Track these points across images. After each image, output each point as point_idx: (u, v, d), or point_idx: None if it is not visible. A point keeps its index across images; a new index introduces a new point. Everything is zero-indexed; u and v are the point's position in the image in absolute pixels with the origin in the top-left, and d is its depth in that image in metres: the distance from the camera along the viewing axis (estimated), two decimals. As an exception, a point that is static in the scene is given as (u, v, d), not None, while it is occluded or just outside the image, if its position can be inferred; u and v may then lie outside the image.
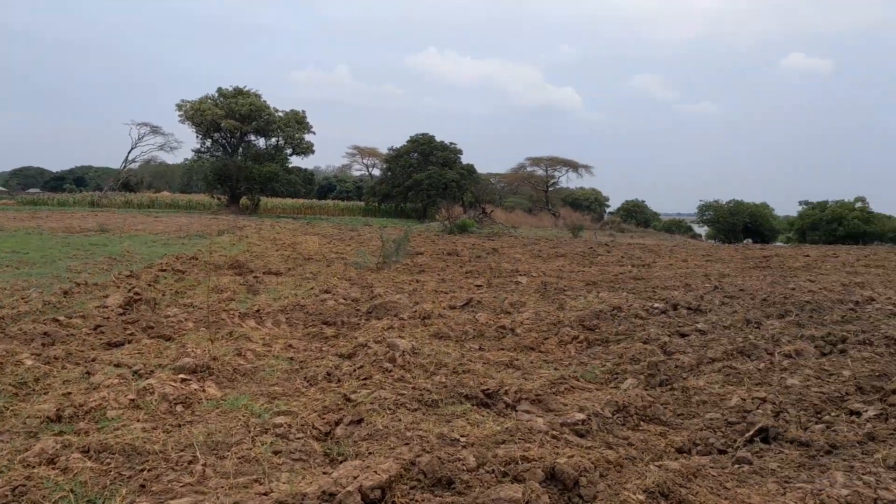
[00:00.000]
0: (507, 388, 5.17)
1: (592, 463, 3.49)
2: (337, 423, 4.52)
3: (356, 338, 7.21)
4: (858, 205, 43.65)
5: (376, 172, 70.38)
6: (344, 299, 9.95)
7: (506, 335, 7.78)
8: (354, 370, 5.83)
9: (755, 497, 3.28)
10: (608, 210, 72.70)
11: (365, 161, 74.64)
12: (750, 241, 46.88)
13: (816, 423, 4.48)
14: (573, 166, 62.58)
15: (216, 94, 49.07)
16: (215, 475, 3.61)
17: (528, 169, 64.72)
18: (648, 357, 6.47)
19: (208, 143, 50.68)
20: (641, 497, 3.06)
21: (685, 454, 4.26)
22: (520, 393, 5.07)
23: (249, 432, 4.23)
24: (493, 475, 3.37)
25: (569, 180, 65.12)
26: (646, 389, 5.54)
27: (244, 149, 50.61)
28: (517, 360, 6.56)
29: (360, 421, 4.45)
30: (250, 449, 3.96)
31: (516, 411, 4.82)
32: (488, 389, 5.12)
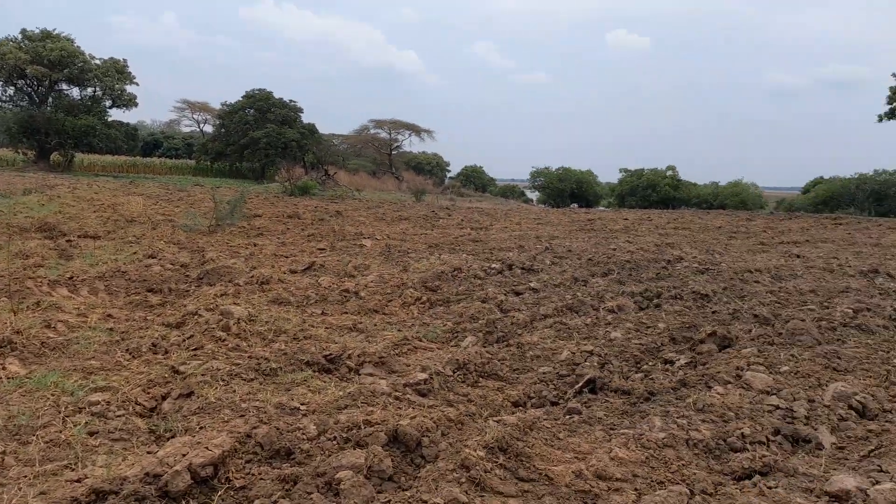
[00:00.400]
0: (350, 352, 5.08)
1: (434, 422, 3.51)
2: (164, 398, 4.19)
3: (185, 306, 6.72)
4: (669, 173, 48.28)
5: (208, 129, 65.79)
6: (171, 265, 9.24)
7: (349, 299, 7.66)
8: (184, 340, 5.42)
9: (584, 445, 3.49)
10: (449, 175, 74.17)
11: (195, 116, 69.52)
12: (576, 205, 50.20)
13: (636, 373, 4.87)
14: (416, 130, 62.85)
15: (19, 37, 43.07)
16: (17, 463, 3.19)
17: (372, 131, 64.01)
18: (487, 315, 6.68)
19: (10, 91, 44.59)
20: (482, 453, 3.13)
21: (521, 407, 4.45)
22: (363, 356, 5.01)
23: (60, 412, 3.78)
24: (335, 442, 3.28)
25: (412, 144, 65.38)
26: (484, 346, 5.71)
27: (55, 99, 45.09)
28: (361, 323, 6.48)
29: (189, 394, 4.14)
30: (60, 431, 3.54)
31: (359, 375, 4.75)
32: (331, 354, 4.99)
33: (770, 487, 2.98)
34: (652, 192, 46.22)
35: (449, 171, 75.64)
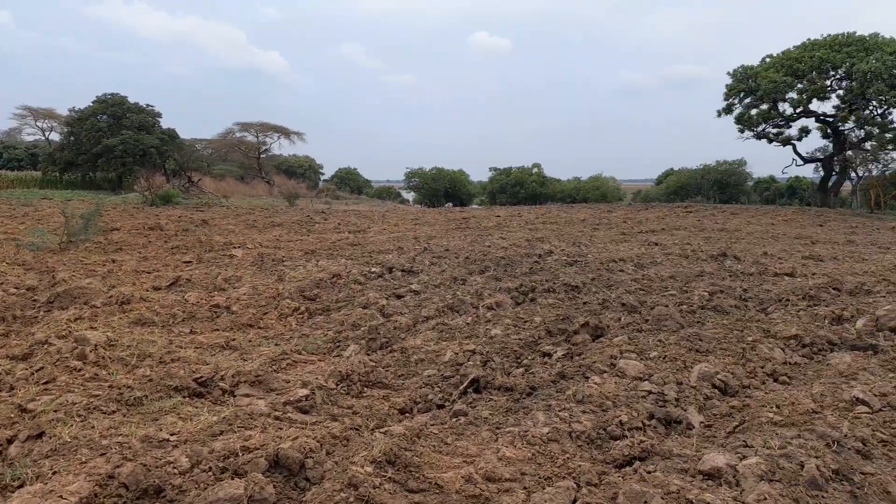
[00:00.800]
0: (223, 372, 4.77)
1: (318, 441, 3.36)
2: (10, 441, 3.71)
3: (33, 334, 6.05)
4: (535, 170, 50.36)
5: (55, 137, 60.26)
6: (16, 288, 8.32)
7: (221, 314, 7.24)
8: (32, 373, 4.87)
9: (472, 447, 3.48)
10: (323, 178, 72.78)
11: (40, 124, 63.31)
12: (451, 204, 51.08)
13: (517, 368, 4.96)
14: (285, 133, 61.01)
15: None
16: None
17: (238, 135, 61.30)
18: (369, 321, 6.56)
19: None
20: (370, 469, 3.02)
21: (408, 414, 4.39)
22: (238, 376, 4.72)
23: None
24: (210, 474, 3.04)
25: (281, 147, 63.48)
26: (368, 354, 5.59)
27: None
28: (234, 340, 6.14)
29: (40, 435, 3.71)
30: None
31: (235, 397, 4.47)
32: (202, 377, 4.66)
33: (649, 472, 3.10)
34: (520, 188, 47.97)
35: (322, 173, 74.25)
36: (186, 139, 55.03)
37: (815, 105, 33.07)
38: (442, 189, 53.94)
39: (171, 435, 3.64)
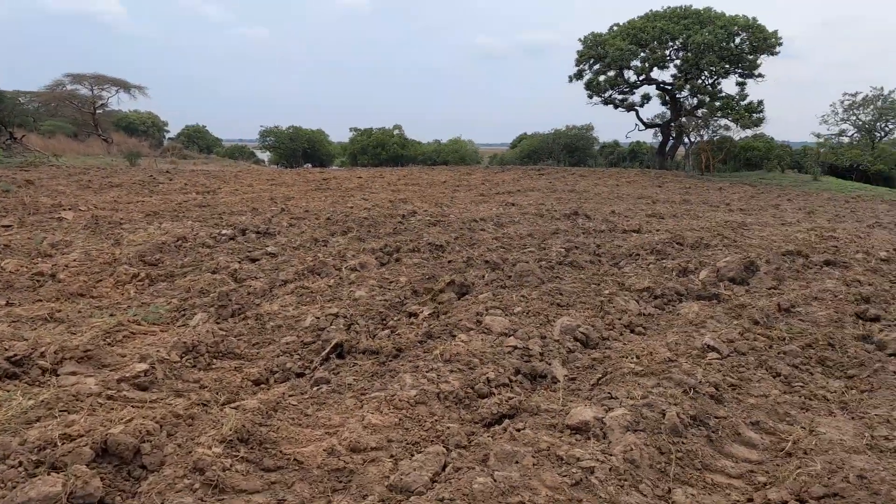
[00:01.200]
0: (43, 348, 4.14)
1: (157, 422, 2.96)
2: None
3: None
4: (397, 132, 49.92)
5: None
6: None
7: (45, 283, 6.37)
8: None
9: (335, 417, 3.24)
10: (168, 136, 67.55)
11: None
12: (309, 165, 49.52)
13: (383, 330, 4.75)
14: (124, 86, 55.59)
15: None
16: None
17: (69, 87, 54.91)
18: (218, 287, 6.04)
19: None
20: (218, 449, 2.69)
21: (264, 385, 4.04)
22: (62, 352, 4.11)
23: None
24: (20, 469, 2.56)
25: (120, 102, 57.96)
26: (217, 323, 5.12)
27: None
28: (60, 311, 5.39)
29: None
30: None
31: (57, 376, 3.89)
32: (16, 355, 4.01)
33: (519, 430, 3.03)
34: (381, 150, 47.40)
35: (168, 131, 68.87)
36: (7, 91, 48.61)
37: (656, 73, 35.36)
38: (300, 149, 52.02)
39: (-28, 426, 3.06)
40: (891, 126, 44.11)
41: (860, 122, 44.61)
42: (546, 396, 3.50)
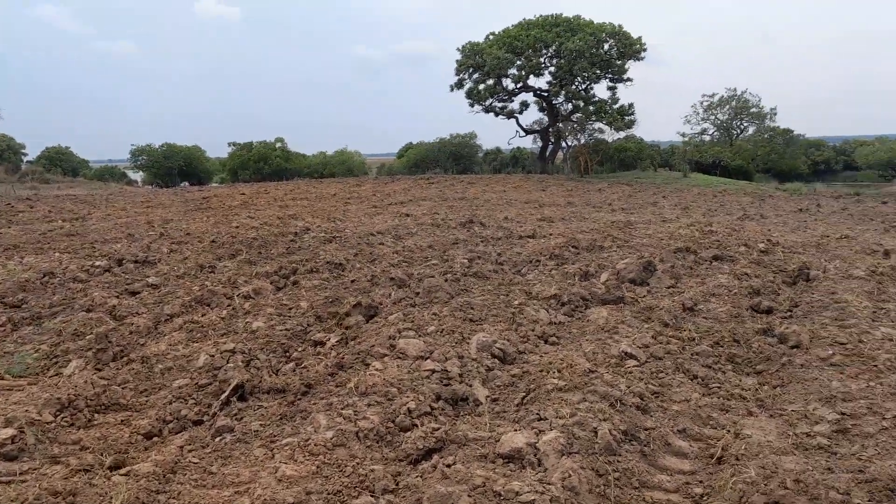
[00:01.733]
0: None
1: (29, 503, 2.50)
2: None
3: None
4: (279, 145, 48.53)
5: None
6: None
7: None
8: None
9: (245, 472, 2.89)
10: (26, 159, 61.93)
11: None
12: (187, 183, 47.09)
13: (287, 363, 4.39)
14: (-33, 106, 50.56)
15: None
16: None
17: None
18: (95, 328, 5.40)
19: None
20: (109, 533, 2.29)
21: (157, 438, 3.59)
22: None
23: None
24: None
25: (-36, 124, 52.40)
26: (97, 370, 4.55)
27: None
28: None
29: None
30: None
31: None
32: None
33: (449, 465, 2.83)
34: (264, 164, 45.88)
35: (26, 154, 63.15)
36: None
37: (533, 80, 36.55)
38: (176, 167, 49.31)
39: None
40: (745, 124, 48.17)
41: (719, 121, 48.36)
42: (472, 423, 3.32)
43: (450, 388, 3.71)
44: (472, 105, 37.54)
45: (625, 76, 35.34)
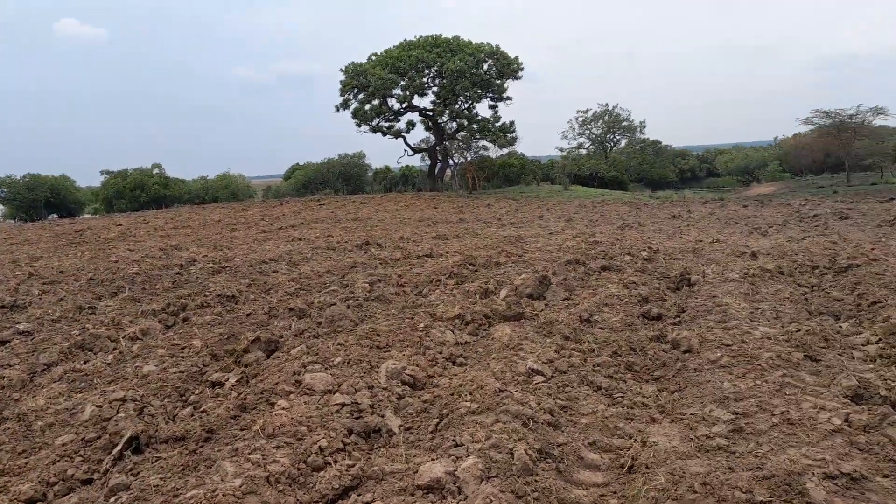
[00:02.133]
0: None
1: None
2: None
3: None
4: (156, 171, 46.15)
5: None
6: None
7: None
8: None
9: (149, 534, 2.68)
10: None
11: None
12: (55, 215, 43.68)
13: (185, 408, 4.14)
14: None
15: None
16: None
17: None
18: (-42, 386, 4.87)
19: None
20: None
21: (41, 503, 3.27)
22: None
23: None
24: None
25: None
26: (-37, 434, 4.09)
27: None
28: None
29: None
30: None
31: None
32: None
33: (368, 502, 2.77)
34: (141, 192, 43.46)
35: None
36: None
37: (417, 100, 37.04)
38: (41, 199, 45.61)
39: None
40: (618, 137, 51.22)
41: (594, 135, 51.12)
42: (387, 455, 3.27)
43: (361, 420, 3.64)
44: (358, 125, 37.48)
45: (504, 95, 36.59)
